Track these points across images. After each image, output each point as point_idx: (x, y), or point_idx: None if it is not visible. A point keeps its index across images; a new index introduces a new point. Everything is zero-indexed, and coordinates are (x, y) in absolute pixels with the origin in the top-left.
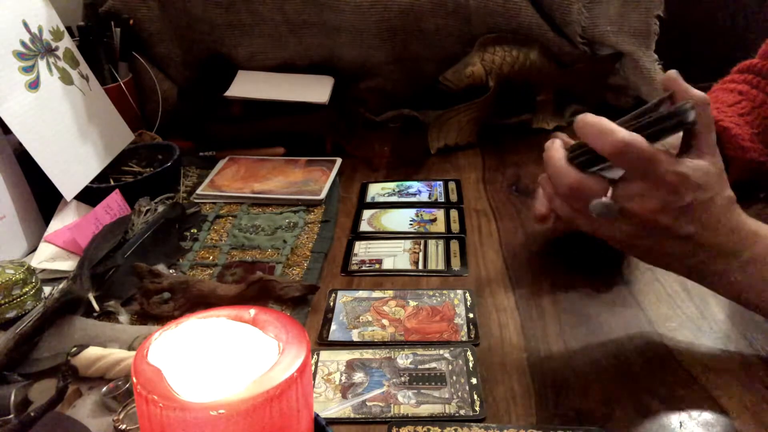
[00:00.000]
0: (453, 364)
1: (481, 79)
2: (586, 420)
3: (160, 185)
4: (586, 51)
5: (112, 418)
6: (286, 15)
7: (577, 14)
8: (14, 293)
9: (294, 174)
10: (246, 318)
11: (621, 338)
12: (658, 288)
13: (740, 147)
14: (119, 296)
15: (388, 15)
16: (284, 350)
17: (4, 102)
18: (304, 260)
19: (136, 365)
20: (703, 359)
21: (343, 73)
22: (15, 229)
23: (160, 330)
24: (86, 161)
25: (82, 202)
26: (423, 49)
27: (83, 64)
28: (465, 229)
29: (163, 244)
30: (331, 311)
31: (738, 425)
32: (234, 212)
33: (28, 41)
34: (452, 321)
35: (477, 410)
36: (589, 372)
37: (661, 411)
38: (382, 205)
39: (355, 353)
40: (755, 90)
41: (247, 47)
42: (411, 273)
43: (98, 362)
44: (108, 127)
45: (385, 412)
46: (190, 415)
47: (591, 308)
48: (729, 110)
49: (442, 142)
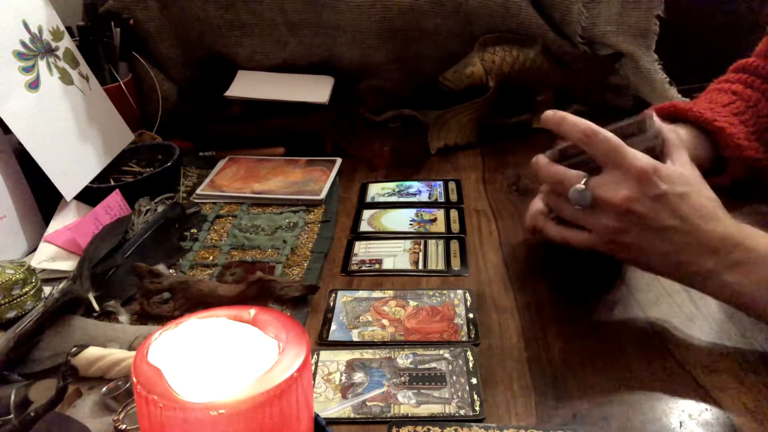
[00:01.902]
0: (453, 364)
1: (481, 79)
2: (586, 420)
3: (160, 185)
4: (586, 51)
5: (112, 418)
6: (286, 15)
7: (577, 14)
8: (14, 293)
9: (294, 174)
10: (246, 318)
11: (621, 338)
12: (658, 288)
13: (736, 146)
14: (119, 296)
15: (388, 15)
16: (284, 350)
17: (4, 102)
18: (304, 260)
19: (136, 365)
20: (703, 359)
21: (343, 73)
22: (15, 229)
23: (160, 330)
24: (86, 161)
25: (82, 202)
26: (423, 49)
27: (83, 64)
28: (465, 229)
29: (163, 244)
30: (331, 311)
31: (738, 425)
32: (234, 212)
33: (28, 41)
34: (452, 321)
35: (477, 410)
36: (588, 372)
37: (661, 411)
38: (382, 205)
39: (355, 353)
40: (750, 89)
41: (247, 47)
42: (411, 273)
43: (98, 362)
44: (108, 127)
45: (385, 412)
46: (190, 415)
47: (591, 308)
48: (723, 110)
49: (442, 142)
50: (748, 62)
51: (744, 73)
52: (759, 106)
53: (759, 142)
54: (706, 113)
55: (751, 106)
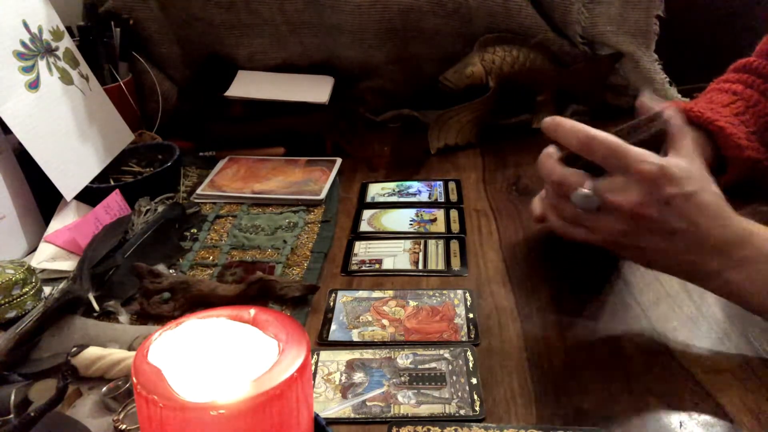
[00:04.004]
0: (453, 364)
1: (481, 79)
2: (586, 420)
3: (160, 185)
4: (586, 51)
5: (112, 418)
6: (286, 15)
7: (577, 14)
8: (14, 293)
9: (294, 174)
10: (246, 318)
11: (621, 338)
12: (658, 288)
13: (737, 146)
14: (119, 296)
15: (388, 15)
16: (284, 350)
17: (4, 102)
18: (304, 260)
19: (136, 365)
20: (703, 359)
21: (343, 73)
22: (15, 229)
23: (160, 330)
24: (86, 161)
25: (82, 202)
26: (423, 49)
27: (83, 64)
28: (465, 229)
29: (163, 244)
30: (331, 311)
31: (738, 425)
32: (234, 212)
33: (28, 41)
34: (452, 321)
35: (477, 410)
36: (589, 372)
37: (661, 411)
38: (382, 205)
39: (355, 353)
40: (750, 89)
41: (247, 47)
42: (411, 273)
43: (98, 362)
44: (108, 127)
45: (385, 412)
46: (190, 415)
47: (591, 308)
48: (724, 110)
49: (442, 142)
50: (748, 62)
51: (744, 72)
52: (759, 106)
53: (759, 142)
54: (706, 113)
55: (751, 106)
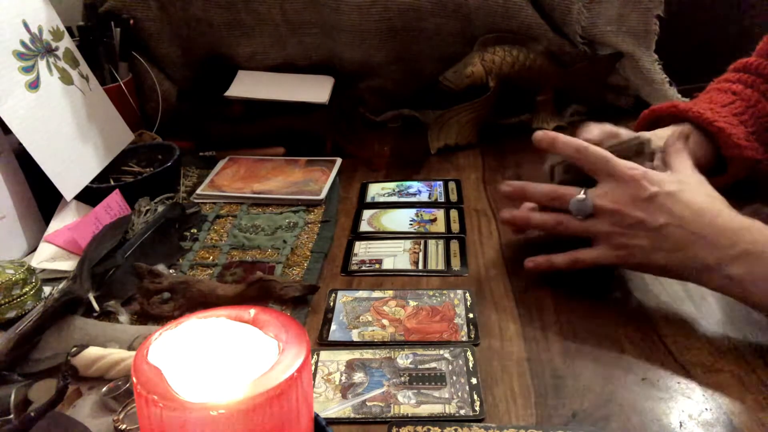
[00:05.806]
0: (453, 364)
1: (481, 79)
2: (586, 420)
3: (160, 185)
4: (586, 51)
5: (112, 418)
6: (286, 15)
7: (577, 14)
8: (14, 293)
9: (294, 174)
10: (246, 318)
11: (621, 338)
12: (658, 288)
13: (737, 146)
14: (119, 296)
15: (388, 15)
16: (284, 350)
17: (4, 102)
18: (304, 260)
19: (136, 365)
20: (703, 359)
21: (343, 73)
22: (15, 229)
23: (160, 330)
24: (86, 161)
25: (82, 202)
26: (423, 49)
27: (83, 64)
28: (465, 229)
29: (163, 244)
30: (331, 311)
31: (738, 425)
32: (234, 212)
33: (28, 41)
34: (452, 321)
35: (477, 410)
36: (588, 372)
37: (661, 411)
38: (382, 205)
39: (355, 353)
40: (750, 89)
41: (247, 47)
42: (411, 273)
43: (98, 362)
44: (108, 127)
45: (385, 412)
46: (190, 415)
47: (591, 308)
48: (723, 110)
49: (442, 142)
50: (748, 62)
51: (744, 72)
52: (759, 106)
53: (759, 143)
54: (706, 113)
55: (751, 106)
